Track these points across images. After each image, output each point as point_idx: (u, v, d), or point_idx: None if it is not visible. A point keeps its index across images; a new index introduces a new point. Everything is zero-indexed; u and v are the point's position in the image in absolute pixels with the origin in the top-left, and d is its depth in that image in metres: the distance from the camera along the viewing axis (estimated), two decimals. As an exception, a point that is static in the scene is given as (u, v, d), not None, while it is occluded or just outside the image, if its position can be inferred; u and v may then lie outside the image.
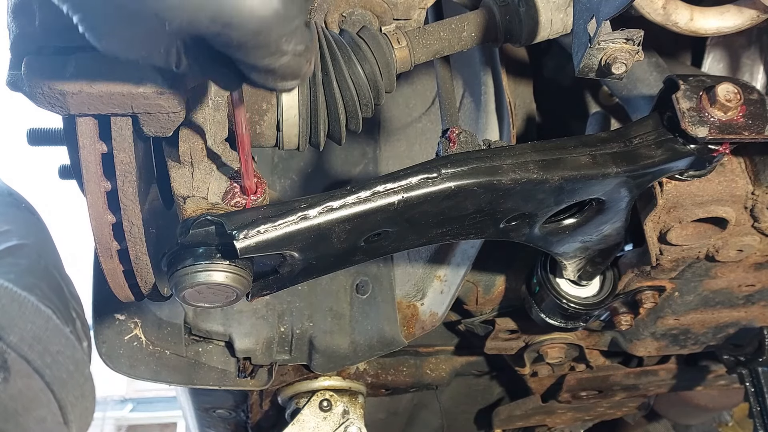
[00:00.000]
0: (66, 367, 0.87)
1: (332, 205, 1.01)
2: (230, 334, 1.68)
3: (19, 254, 0.95)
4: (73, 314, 0.97)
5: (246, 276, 1.04)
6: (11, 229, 0.98)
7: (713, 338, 1.74)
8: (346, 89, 1.08)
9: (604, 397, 2.15)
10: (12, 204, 1.07)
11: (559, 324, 1.58)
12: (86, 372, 0.92)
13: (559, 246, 1.31)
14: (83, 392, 0.89)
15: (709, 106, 1.15)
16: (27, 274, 0.92)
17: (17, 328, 0.82)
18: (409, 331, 1.75)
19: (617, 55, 1.02)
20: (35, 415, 0.83)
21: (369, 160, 1.89)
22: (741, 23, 1.12)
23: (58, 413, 0.85)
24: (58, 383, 0.85)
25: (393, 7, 1.19)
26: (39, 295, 0.90)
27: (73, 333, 0.93)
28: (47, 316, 0.88)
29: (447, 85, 1.33)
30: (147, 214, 1.02)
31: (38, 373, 0.83)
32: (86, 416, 0.91)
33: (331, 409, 1.81)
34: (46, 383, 0.83)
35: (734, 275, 1.52)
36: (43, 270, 0.97)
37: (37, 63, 0.84)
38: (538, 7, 1.19)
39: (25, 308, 0.86)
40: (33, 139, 1.31)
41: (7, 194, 1.09)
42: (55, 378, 0.84)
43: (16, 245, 0.95)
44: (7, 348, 0.80)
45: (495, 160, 1.09)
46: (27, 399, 0.82)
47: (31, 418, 0.83)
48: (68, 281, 1.01)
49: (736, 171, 1.30)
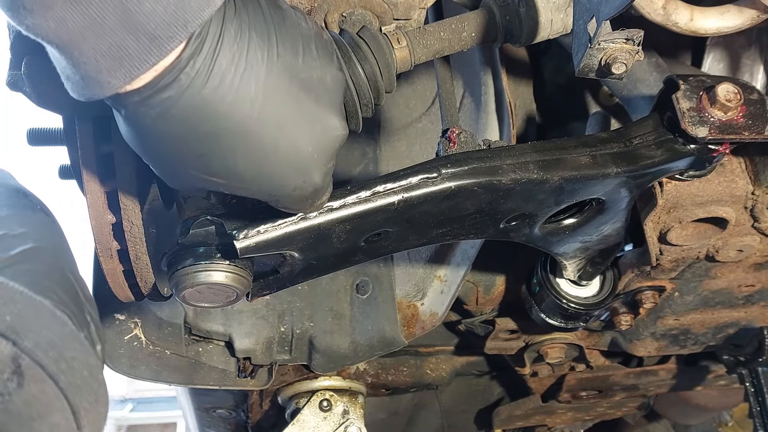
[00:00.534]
0: (80, 373, 0.86)
1: (332, 205, 1.01)
2: (230, 334, 1.68)
3: (35, 258, 0.95)
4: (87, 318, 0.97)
5: (246, 276, 1.04)
6: (27, 232, 0.98)
7: (713, 338, 1.74)
8: (346, 89, 1.07)
9: (604, 397, 2.15)
10: (27, 206, 1.07)
11: (559, 324, 1.58)
12: (100, 377, 0.92)
13: (559, 246, 1.31)
14: (97, 397, 0.89)
15: (709, 106, 1.15)
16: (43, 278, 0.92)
17: (32, 333, 0.82)
18: (409, 331, 1.75)
19: (617, 55, 1.02)
20: (49, 421, 0.83)
21: (369, 160, 1.89)
22: (741, 23, 1.12)
23: (71, 419, 0.85)
24: (72, 389, 0.85)
25: (393, 7, 1.19)
26: (54, 299, 0.89)
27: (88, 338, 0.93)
28: (63, 322, 0.88)
29: (447, 85, 1.33)
30: (147, 214, 1.02)
31: (53, 379, 0.83)
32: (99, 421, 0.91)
33: (331, 409, 1.81)
34: (60, 389, 0.83)
35: (734, 275, 1.52)
36: (59, 274, 0.96)
37: (37, 63, 0.84)
38: (538, 7, 1.19)
39: (41, 313, 0.86)
40: (33, 139, 1.31)
41: (22, 195, 1.09)
42: (69, 384, 0.84)
43: (32, 248, 0.95)
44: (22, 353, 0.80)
45: (495, 160, 1.09)
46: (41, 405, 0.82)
47: (45, 424, 0.83)
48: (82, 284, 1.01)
49: (736, 171, 1.30)
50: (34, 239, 0.97)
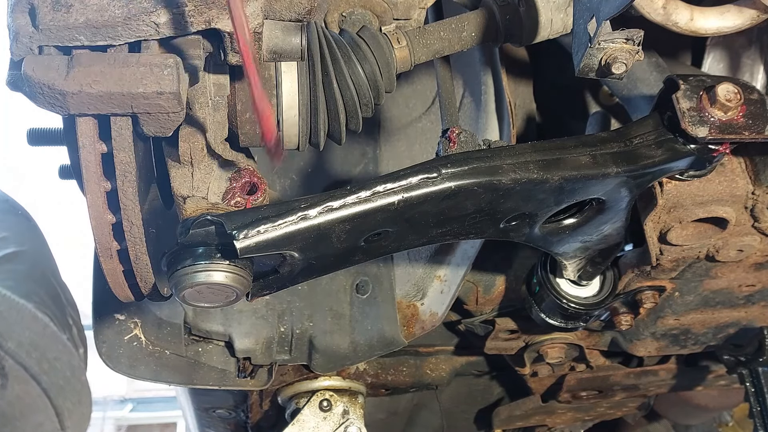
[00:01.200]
0: (63, 374, 0.87)
1: (332, 205, 1.01)
2: (230, 334, 1.68)
3: (17, 261, 0.95)
4: (69, 321, 0.97)
5: (246, 276, 1.04)
6: (8, 236, 0.98)
7: (713, 338, 1.74)
8: (346, 89, 1.08)
9: (604, 397, 2.15)
10: (8, 211, 1.07)
11: (559, 324, 1.58)
12: (83, 379, 0.92)
13: (560, 246, 1.30)
14: (80, 399, 0.89)
15: (709, 106, 1.15)
16: (25, 281, 0.92)
17: (15, 334, 0.82)
18: (409, 331, 1.75)
19: (617, 55, 1.02)
20: (32, 421, 0.83)
21: (369, 160, 1.89)
22: (741, 23, 1.12)
23: (55, 419, 0.85)
24: (55, 389, 0.85)
25: (393, 7, 1.19)
26: (36, 302, 0.90)
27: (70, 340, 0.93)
28: (44, 323, 0.88)
29: (447, 85, 1.33)
30: (147, 214, 1.02)
31: (35, 380, 0.83)
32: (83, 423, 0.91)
33: (331, 409, 1.81)
34: (43, 389, 0.84)
35: (734, 275, 1.52)
36: (40, 277, 0.97)
37: (37, 63, 0.84)
38: (538, 7, 1.19)
39: (23, 315, 0.86)
40: (33, 139, 1.31)
41: (3, 201, 1.09)
42: (52, 384, 0.84)
43: (14, 252, 0.95)
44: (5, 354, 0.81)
45: (495, 160, 1.08)
46: (24, 404, 0.82)
47: (29, 424, 0.83)
48: (64, 288, 1.01)
49: (737, 171, 1.30)
50: (16, 243, 0.97)
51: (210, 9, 0.88)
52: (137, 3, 0.86)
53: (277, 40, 0.97)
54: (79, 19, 0.85)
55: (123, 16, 0.86)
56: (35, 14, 0.84)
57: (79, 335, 0.98)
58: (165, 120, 0.90)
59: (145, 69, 0.85)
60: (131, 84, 0.85)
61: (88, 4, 0.85)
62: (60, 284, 1.00)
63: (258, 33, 0.91)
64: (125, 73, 0.85)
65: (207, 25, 0.89)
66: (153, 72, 0.85)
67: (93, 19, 0.85)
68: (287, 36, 0.97)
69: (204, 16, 0.88)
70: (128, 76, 0.85)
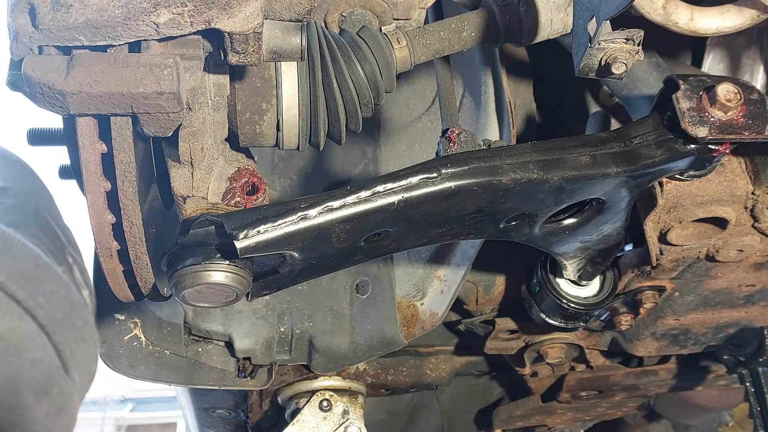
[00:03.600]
0: (61, 308, 0.81)
1: (332, 205, 1.01)
2: (230, 334, 1.68)
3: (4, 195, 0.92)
4: (69, 259, 0.93)
5: (246, 276, 1.04)
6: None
7: (713, 338, 1.74)
8: (346, 89, 1.08)
9: (604, 397, 2.15)
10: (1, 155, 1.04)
11: (559, 324, 1.58)
12: (85, 314, 0.87)
13: (560, 246, 1.30)
14: (83, 335, 0.84)
15: (709, 106, 1.15)
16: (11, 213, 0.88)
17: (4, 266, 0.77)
18: (409, 331, 1.75)
19: (617, 55, 1.02)
20: (29, 357, 0.79)
21: (369, 160, 1.89)
22: (741, 23, 1.12)
23: (54, 356, 0.81)
24: (53, 325, 0.80)
25: (393, 7, 1.19)
26: (25, 233, 0.85)
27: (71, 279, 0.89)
28: (35, 254, 0.83)
29: (447, 85, 1.33)
30: (147, 214, 1.02)
31: (30, 314, 0.78)
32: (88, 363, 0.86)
33: (331, 409, 1.81)
34: (39, 325, 0.79)
35: (734, 275, 1.52)
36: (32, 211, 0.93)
37: (37, 63, 0.84)
38: (538, 7, 1.19)
39: (11, 246, 0.81)
40: (33, 139, 1.31)
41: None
42: (48, 318, 0.79)
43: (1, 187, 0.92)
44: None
45: (495, 160, 1.08)
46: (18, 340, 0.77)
47: (26, 360, 0.78)
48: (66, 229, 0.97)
49: (737, 171, 1.30)
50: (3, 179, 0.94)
51: (210, 9, 0.88)
52: (137, 3, 0.86)
53: (277, 40, 0.97)
54: (79, 19, 0.85)
55: (123, 16, 0.86)
56: (35, 14, 0.84)
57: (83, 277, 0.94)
58: (165, 120, 0.90)
59: (145, 69, 0.85)
60: (131, 84, 0.85)
61: (87, 4, 0.85)
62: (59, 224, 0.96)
63: (258, 33, 0.91)
64: (125, 73, 0.85)
65: (207, 25, 0.89)
66: (153, 72, 0.85)
67: (93, 19, 0.85)
68: (287, 36, 0.97)
69: (204, 16, 0.88)
70: (128, 76, 0.85)
